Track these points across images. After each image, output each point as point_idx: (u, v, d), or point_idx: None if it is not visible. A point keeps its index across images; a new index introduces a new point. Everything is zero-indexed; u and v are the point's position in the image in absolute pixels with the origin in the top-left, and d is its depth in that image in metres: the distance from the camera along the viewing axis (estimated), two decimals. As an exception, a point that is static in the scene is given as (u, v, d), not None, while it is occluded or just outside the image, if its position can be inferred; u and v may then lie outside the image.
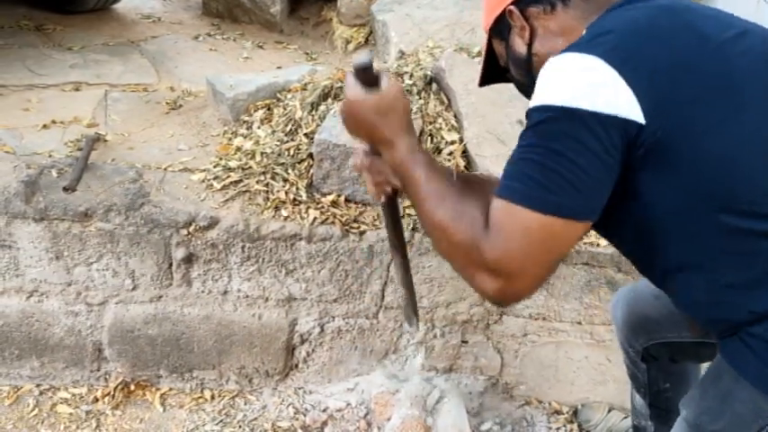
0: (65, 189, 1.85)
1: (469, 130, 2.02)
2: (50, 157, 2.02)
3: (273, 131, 2.13)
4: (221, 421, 2.00)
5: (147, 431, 1.96)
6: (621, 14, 1.01)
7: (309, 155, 2.00)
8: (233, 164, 2.05)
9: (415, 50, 2.51)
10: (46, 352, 2.02)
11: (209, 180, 2.00)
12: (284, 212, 1.91)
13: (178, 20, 3.77)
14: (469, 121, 2.03)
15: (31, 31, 3.22)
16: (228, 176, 2.00)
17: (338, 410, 2.02)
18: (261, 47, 3.49)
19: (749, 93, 0.95)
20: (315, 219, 1.91)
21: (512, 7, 1.12)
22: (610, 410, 2.06)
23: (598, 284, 1.99)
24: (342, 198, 1.97)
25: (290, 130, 2.10)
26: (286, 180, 1.97)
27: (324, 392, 2.09)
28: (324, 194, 1.97)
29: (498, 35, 1.20)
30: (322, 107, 2.12)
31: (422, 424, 1.90)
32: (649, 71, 0.91)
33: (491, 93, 1.91)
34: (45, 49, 2.99)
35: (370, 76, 1.08)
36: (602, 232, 1.13)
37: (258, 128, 2.20)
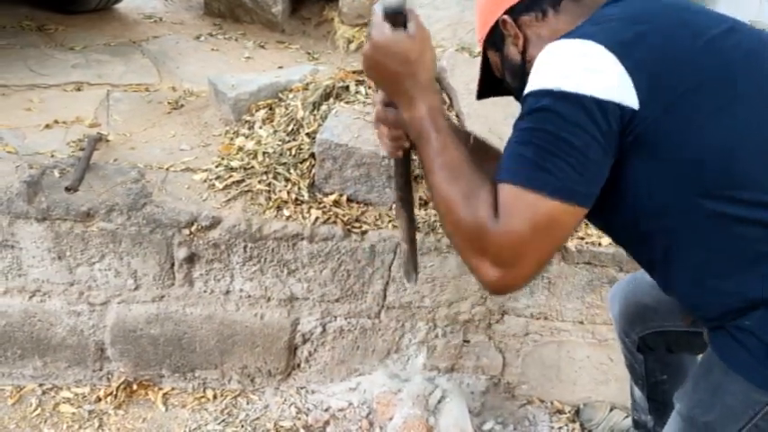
0: (67, 189, 1.85)
1: (471, 129, 2.01)
2: (53, 157, 2.02)
3: (275, 131, 2.13)
4: (223, 421, 2.00)
5: (150, 431, 1.96)
6: (618, 7, 1.03)
7: (311, 154, 2.00)
8: (235, 164, 2.05)
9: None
10: (48, 352, 2.03)
11: (211, 180, 2.00)
12: (286, 212, 1.91)
13: (180, 20, 3.78)
14: (471, 121, 2.03)
15: (32, 32, 3.23)
16: (230, 176, 2.00)
17: (340, 410, 2.02)
18: (262, 47, 3.49)
19: (742, 85, 0.97)
20: (317, 218, 1.91)
21: (505, 17, 1.13)
22: (612, 410, 2.06)
23: (600, 284, 1.99)
24: (344, 198, 1.97)
25: (292, 129, 2.11)
26: (288, 180, 1.97)
27: (326, 392, 2.09)
28: (326, 194, 1.97)
29: (493, 46, 1.21)
30: (324, 107, 2.12)
31: (424, 423, 1.90)
32: (646, 59, 0.92)
33: (493, 92, 1.91)
34: (47, 49, 2.99)
35: (400, 19, 1.00)
36: (592, 219, 1.13)
37: (260, 128, 2.20)
